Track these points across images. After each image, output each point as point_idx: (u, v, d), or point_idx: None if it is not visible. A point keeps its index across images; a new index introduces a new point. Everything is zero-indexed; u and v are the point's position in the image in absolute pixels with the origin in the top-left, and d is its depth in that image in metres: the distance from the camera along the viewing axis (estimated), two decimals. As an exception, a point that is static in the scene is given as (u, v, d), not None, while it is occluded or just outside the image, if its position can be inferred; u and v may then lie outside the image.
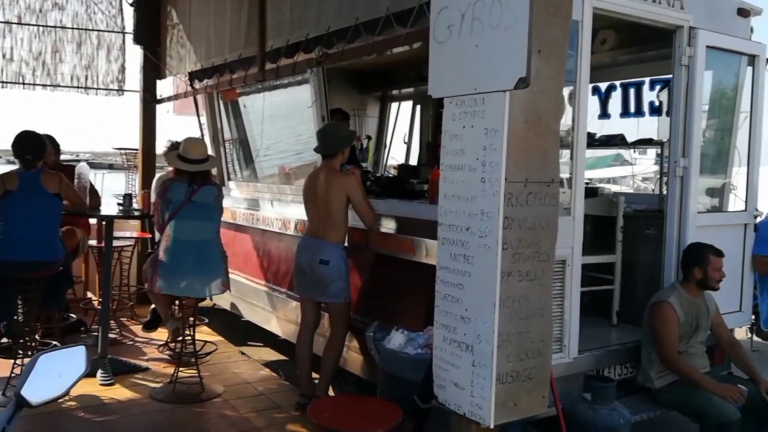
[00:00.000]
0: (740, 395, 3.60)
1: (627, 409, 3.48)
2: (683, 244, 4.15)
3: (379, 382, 3.53)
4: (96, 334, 5.54)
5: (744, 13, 4.48)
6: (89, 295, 6.45)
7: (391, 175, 6.41)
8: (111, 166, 15.52)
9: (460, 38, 2.66)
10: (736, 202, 4.80)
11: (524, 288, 2.68)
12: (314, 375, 4.33)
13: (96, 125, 12.26)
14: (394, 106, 7.76)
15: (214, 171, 5.69)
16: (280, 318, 5.46)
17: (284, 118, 6.18)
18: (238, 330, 6.21)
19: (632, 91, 5.55)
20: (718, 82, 4.58)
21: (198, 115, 6.46)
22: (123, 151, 6.25)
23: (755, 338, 6.27)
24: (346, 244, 4.18)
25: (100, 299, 5.88)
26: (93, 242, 5.80)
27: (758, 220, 4.81)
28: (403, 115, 7.67)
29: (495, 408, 2.59)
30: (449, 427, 2.83)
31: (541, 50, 2.54)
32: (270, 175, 6.24)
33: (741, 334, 5.70)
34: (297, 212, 5.37)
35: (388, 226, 4.23)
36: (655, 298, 3.95)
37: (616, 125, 5.99)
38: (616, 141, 5.40)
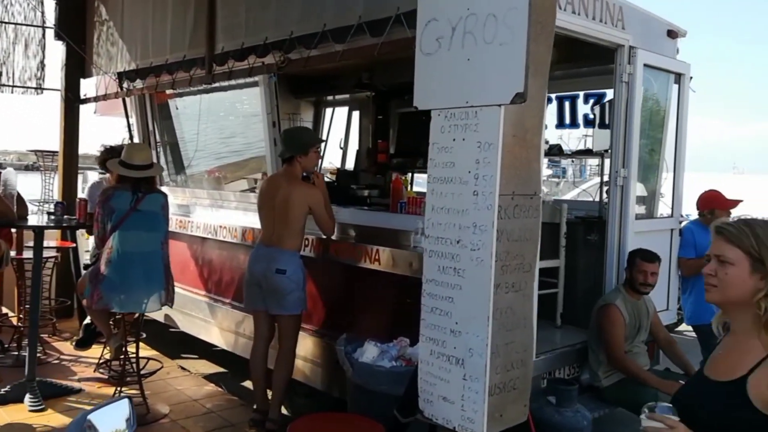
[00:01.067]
0: None
1: (587, 410, 3.62)
2: (623, 249, 4.38)
3: (351, 396, 3.46)
4: (15, 353, 5.12)
5: (673, 34, 4.81)
6: (4, 310, 5.91)
7: (329, 180, 6.35)
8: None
9: (450, 51, 2.66)
10: (664, 209, 5.15)
11: (510, 299, 2.72)
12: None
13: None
14: (328, 111, 7.69)
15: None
16: (222, 328, 5.27)
17: (223, 120, 5.98)
18: (170, 342, 5.92)
19: (567, 104, 5.81)
20: (649, 98, 4.87)
21: (127, 117, 6.09)
22: (39, 153, 5.77)
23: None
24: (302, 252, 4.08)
25: (19, 315, 5.46)
26: (12, 253, 5.31)
27: (682, 225, 5.17)
28: (338, 120, 7.63)
29: (487, 420, 2.61)
30: (436, 441, 2.83)
31: (528, 66, 2.59)
32: (207, 179, 6.01)
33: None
34: (241, 219, 5.21)
35: (348, 234, 4.17)
36: (602, 301, 4.14)
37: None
38: (554, 151, 5.62)
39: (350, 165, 7.21)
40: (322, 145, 7.44)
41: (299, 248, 4.02)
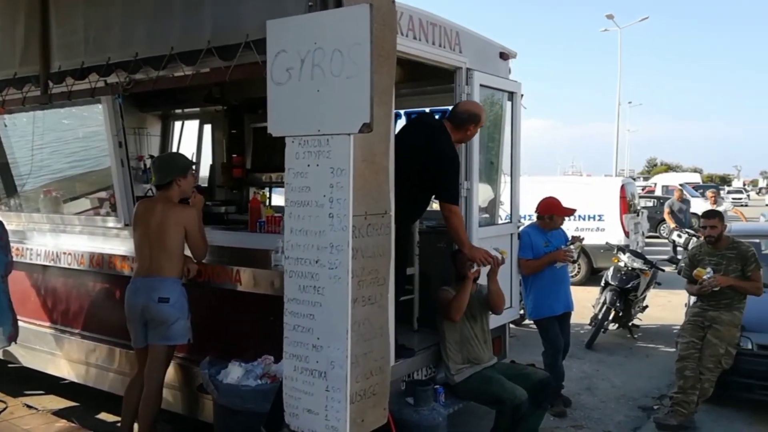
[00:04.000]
0: (488, 257, 4.24)
1: (443, 408, 3.92)
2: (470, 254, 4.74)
3: (218, 418, 3.47)
4: None
5: (504, 56, 5.30)
6: None
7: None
8: None
9: (301, 82, 2.80)
10: (503, 214, 5.63)
11: (367, 312, 2.91)
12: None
13: None
14: (177, 124, 7.49)
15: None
16: (71, 360, 4.98)
17: (61, 137, 5.62)
18: (9, 379, 5.48)
19: (414, 119, 6.14)
20: (486, 115, 5.31)
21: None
22: None
23: (512, 326, 7.34)
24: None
25: None
26: None
27: (520, 229, 5.69)
28: (188, 134, 7.44)
29: (350, 427, 2.77)
30: (303, 452, 2.93)
31: (373, 96, 2.79)
32: (45, 202, 5.62)
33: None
34: (86, 244, 4.96)
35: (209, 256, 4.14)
36: None
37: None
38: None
39: (204, 180, 7.08)
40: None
41: (180, 274, 3.89)
